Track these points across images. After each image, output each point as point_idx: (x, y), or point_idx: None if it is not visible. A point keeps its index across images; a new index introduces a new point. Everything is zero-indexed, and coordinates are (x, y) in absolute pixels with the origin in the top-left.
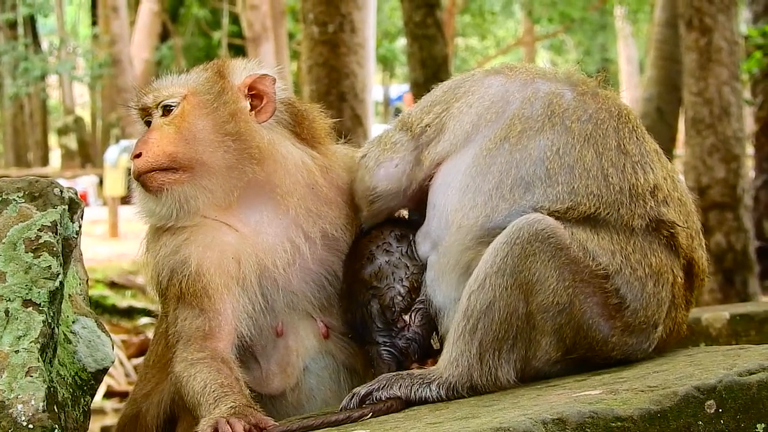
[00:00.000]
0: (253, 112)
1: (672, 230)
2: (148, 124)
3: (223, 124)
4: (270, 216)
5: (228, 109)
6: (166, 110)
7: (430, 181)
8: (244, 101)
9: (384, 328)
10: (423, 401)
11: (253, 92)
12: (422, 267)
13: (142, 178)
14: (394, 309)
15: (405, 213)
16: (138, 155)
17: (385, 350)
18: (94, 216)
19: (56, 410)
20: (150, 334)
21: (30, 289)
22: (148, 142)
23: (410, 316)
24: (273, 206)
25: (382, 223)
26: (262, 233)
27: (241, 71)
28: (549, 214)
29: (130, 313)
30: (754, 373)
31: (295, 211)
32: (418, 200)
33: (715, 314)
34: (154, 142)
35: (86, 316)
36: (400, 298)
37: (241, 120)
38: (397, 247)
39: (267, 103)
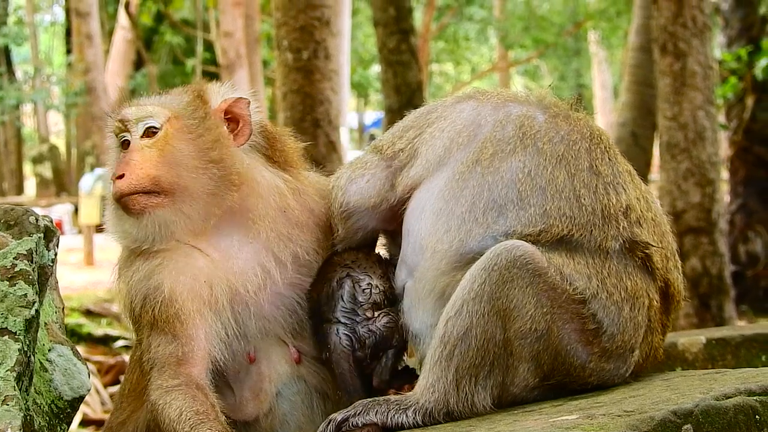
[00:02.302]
0: (231, 135)
1: (646, 251)
2: (124, 143)
3: (207, 150)
4: (241, 240)
5: (212, 136)
6: (149, 131)
7: (405, 206)
8: (224, 128)
9: (349, 309)
10: (399, 427)
11: (228, 116)
12: (394, 290)
13: (124, 200)
14: (367, 295)
15: (384, 253)
16: (120, 176)
17: (344, 333)
18: (69, 244)
19: None
20: (126, 357)
21: (6, 318)
22: (130, 164)
23: (378, 313)
24: (244, 230)
25: (369, 249)
26: (232, 258)
27: (217, 95)
28: (522, 238)
29: (106, 341)
30: (730, 397)
31: (266, 235)
32: (395, 228)
33: (692, 338)
34: (138, 164)
35: (62, 345)
36: (376, 290)
37: (224, 146)
38: (378, 260)
39: (243, 127)
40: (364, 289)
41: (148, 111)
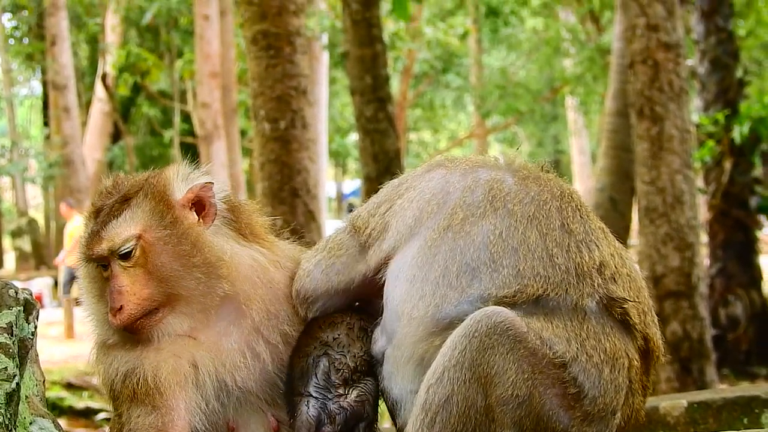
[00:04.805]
0: (199, 220)
1: (623, 306)
2: (103, 266)
3: (188, 257)
4: (232, 324)
5: (190, 241)
6: (124, 253)
7: (381, 276)
8: (192, 216)
9: (323, 386)
10: None
11: (195, 200)
12: (371, 356)
13: (130, 329)
14: (341, 374)
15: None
16: (120, 309)
17: (314, 407)
18: (49, 317)
19: None
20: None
21: None
22: (122, 293)
23: (349, 389)
24: (236, 314)
25: (352, 311)
26: (222, 345)
27: (179, 186)
28: (498, 300)
29: (88, 414)
30: None
31: (258, 316)
32: (379, 293)
33: (673, 402)
34: (129, 290)
35: (43, 417)
36: (348, 370)
37: (204, 246)
38: (359, 333)
39: (209, 209)
40: (338, 369)
41: (119, 241)
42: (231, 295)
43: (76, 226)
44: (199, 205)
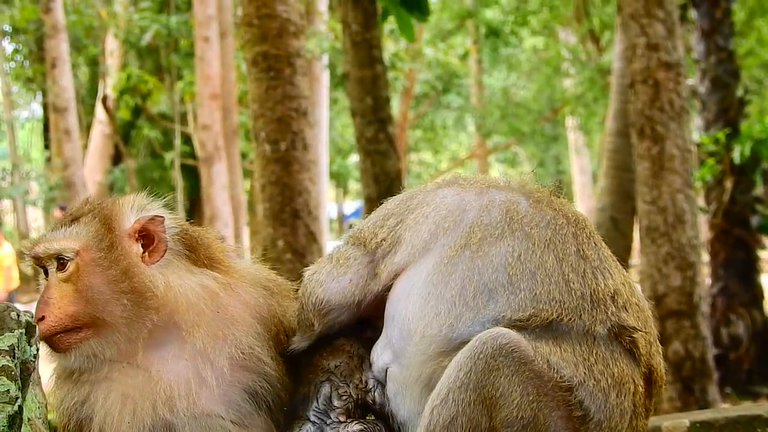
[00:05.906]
0: (146, 253)
1: (633, 336)
2: (46, 272)
3: (116, 282)
4: (176, 353)
5: (120, 267)
6: (61, 264)
7: (387, 292)
8: (136, 246)
9: (322, 411)
10: None
11: (143, 233)
12: (368, 386)
13: (49, 341)
14: (344, 401)
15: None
16: (41, 318)
17: (310, 430)
18: None
19: None
20: None
21: None
22: (49, 304)
23: (350, 420)
24: (179, 342)
25: (352, 336)
26: (165, 374)
27: (129, 215)
28: (512, 322)
29: None
30: None
31: (202, 342)
32: (375, 310)
33: (675, 422)
34: (55, 303)
35: None
36: (350, 400)
37: (135, 276)
38: (357, 362)
39: (158, 244)
40: (341, 395)
41: (57, 247)
42: (168, 324)
43: (4, 253)
44: (147, 237)
